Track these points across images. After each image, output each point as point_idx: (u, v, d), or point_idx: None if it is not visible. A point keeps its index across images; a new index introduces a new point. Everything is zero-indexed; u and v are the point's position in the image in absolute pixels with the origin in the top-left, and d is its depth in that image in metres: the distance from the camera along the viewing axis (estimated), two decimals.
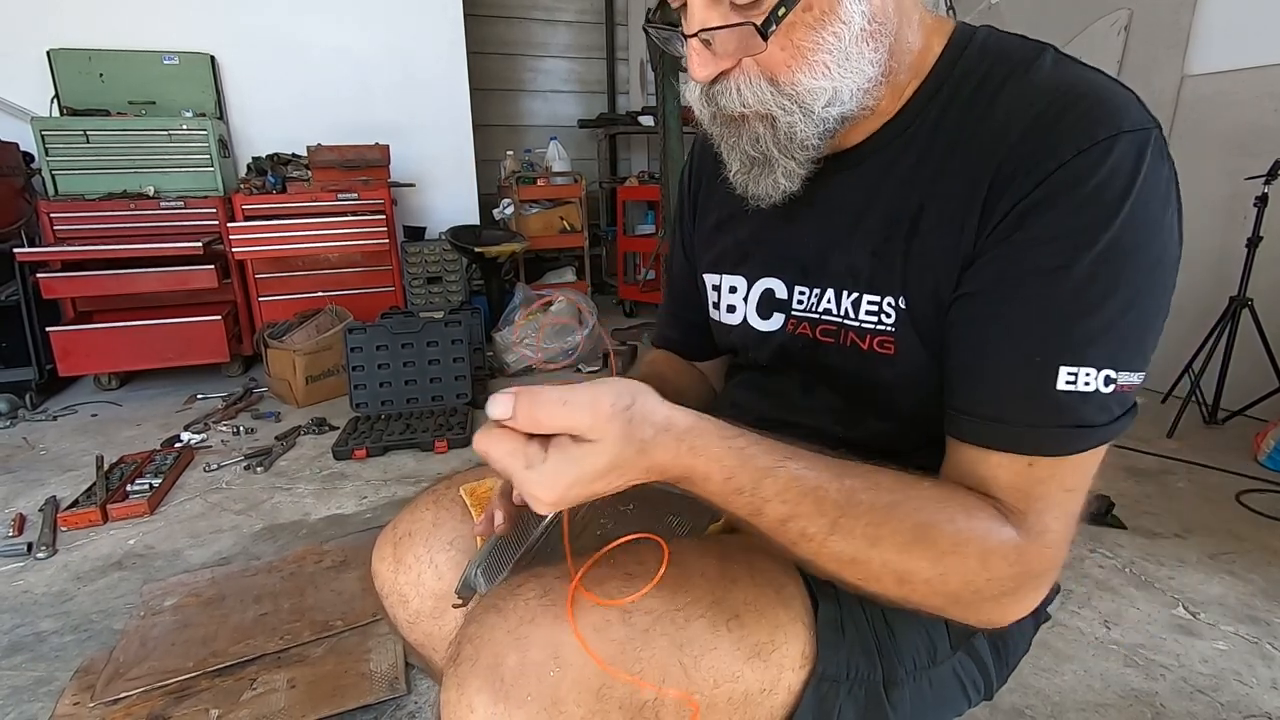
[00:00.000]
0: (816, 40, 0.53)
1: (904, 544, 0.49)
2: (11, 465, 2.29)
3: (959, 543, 0.49)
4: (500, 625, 0.50)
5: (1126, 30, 2.81)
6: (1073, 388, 0.50)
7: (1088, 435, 0.51)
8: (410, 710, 1.24)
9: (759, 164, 0.60)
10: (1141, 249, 0.50)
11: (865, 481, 0.50)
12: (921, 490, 0.51)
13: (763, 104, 0.56)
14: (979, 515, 0.51)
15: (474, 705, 0.47)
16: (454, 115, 3.86)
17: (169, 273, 2.84)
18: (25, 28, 3.03)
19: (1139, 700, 1.25)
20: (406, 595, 0.69)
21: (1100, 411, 0.51)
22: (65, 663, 1.36)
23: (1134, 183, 0.50)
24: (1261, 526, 1.83)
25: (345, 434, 2.42)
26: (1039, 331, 0.51)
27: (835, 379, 0.67)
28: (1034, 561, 0.51)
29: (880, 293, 0.60)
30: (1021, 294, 0.52)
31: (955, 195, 0.55)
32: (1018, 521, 0.51)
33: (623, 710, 0.49)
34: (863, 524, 0.49)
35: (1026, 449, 0.51)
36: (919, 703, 0.62)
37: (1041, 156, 0.51)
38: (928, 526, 0.49)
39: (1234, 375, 2.40)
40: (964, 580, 0.50)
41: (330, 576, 1.61)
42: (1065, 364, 0.50)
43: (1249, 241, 2.26)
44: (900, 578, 0.50)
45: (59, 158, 2.86)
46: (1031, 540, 0.51)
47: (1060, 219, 0.50)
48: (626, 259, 4.74)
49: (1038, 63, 0.56)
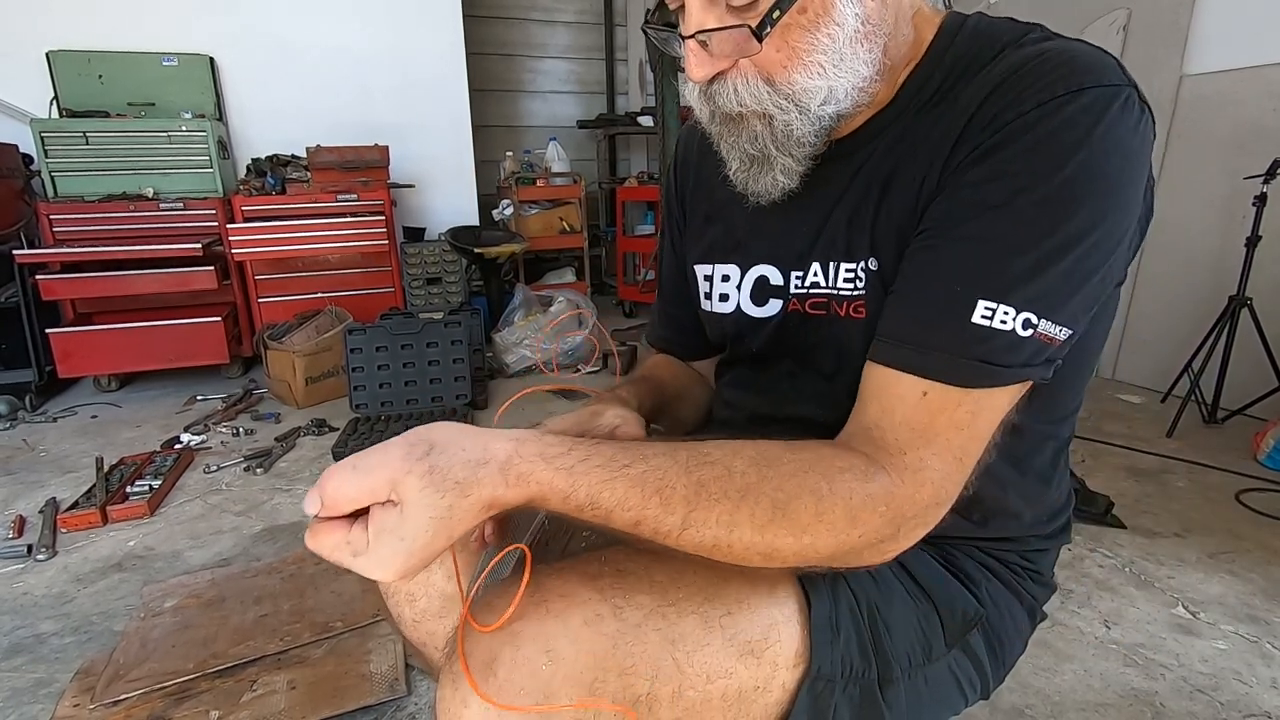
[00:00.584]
0: (811, 41, 0.54)
1: (762, 524, 0.49)
2: (11, 467, 2.29)
3: (821, 511, 0.50)
4: (492, 622, 0.50)
5: (1125, 30, 2.81)
6: (987, 323, 0.50)
7: (989, 372, 0.51)
8: (410, 712, 1.24)
9: (758, 162, 0.61)
10: (1088, 201, 0.50)
11: (717, 470, 0.50)
12: (781, 468, 0.51)
13: (759, 103, 0.57)
14: (843, 476, 0.51)
15: (468, 701, 0.47)
16: (453, 116, 3.86)
17: (169, 274, 2.84)
18: (24, 29, 3.03)
19: (1139, 700, 1.25)
20: (414, 594, 0.69)
21: (1009, 352, 0.51)
22: (65, 664, 1.36)
23: (1090, 134, 0.50)
24: (1261, 526, 1.84)
25: (345, 435, 2.42)
26: (968, 265, 0.52)
27: (820, 355, 0.67)
28: (905, 504, 0.51)
29: (854, 258, 0.62)
30: (960, 229, 0.53)
31: (924, 156, 0.57)
32: (893, 462, 0.52)
33: (616, 703, 0.49)
34: (715, 514, 0.49)
35: (926, 373, 0.52)
36: (914, 701, 0.62)
37: (1003, 109, 0.52)
38: (786, 503, 0.49)
39: (1233, 375, 2.40)
40: (835, 542, 0.50)
41: (330, 578, 1.61)
42: (985, 298, 0.51)
43: (1248, 241, 2.26)
44: (766, 554, 0.50)
45: (58, 159, 2.86)
46: (905, 480, 0.51)
47: (1009, 160, 0.51)
48: (626, 259, 4.75)
49: (1024, 39, 0.57)
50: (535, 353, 3.20)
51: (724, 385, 0.82)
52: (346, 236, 3.21)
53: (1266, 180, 2.20)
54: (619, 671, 0.49)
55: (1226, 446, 2.29)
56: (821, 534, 0.50)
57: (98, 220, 2.87)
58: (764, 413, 0.73)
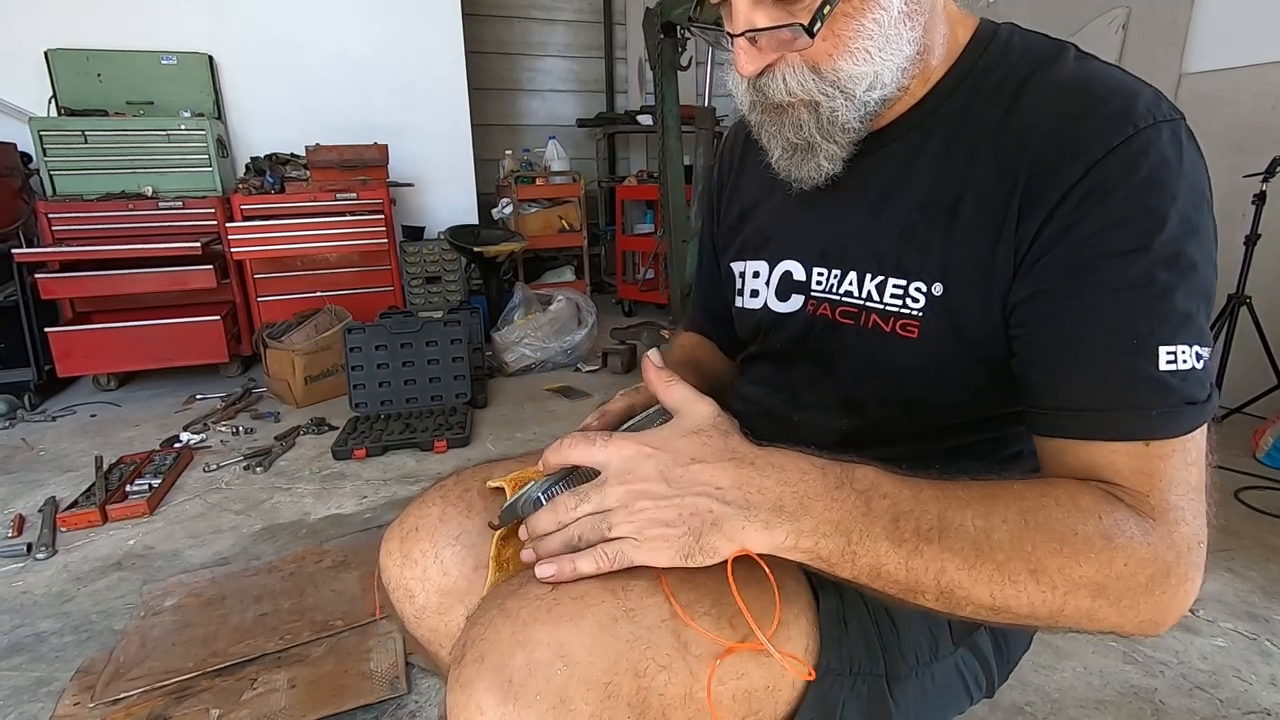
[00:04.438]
0: (858, 28, 0.54)
1: (1017, 531, 0.47)
2: (10, 466, 2.29)
3: (1072, 528, 0.47)
4: (505, 626, 0.50)
5: (1124, 29, 2.81)
6: (1174, 366, 0.50)
7: (1196, 412, 0.50)
8: (411, 710, 1.24)
9: (801, 149, 0.61)
10: (1201, 227, 0.51)
11: (944, 479, 0.50)
12: (1008, 481, 0.50)
13: (807, 92, 0.57)
14: (1085, 499, 0.49)
15: (483, 706, 0.47)
16: (452, 115, 3.85)
17: (167, 273, 2.83)
18: (23, 28, 3.03)
19: (1138, 697, 1.25)
20: (413, 590, 0.69)
21: (1200, 388, 0.50)
22: (65, 663, 1.36)
23: (1182, 166, 0.51)
24: (1260, 523, 1.84)
25: (344, 434, 2.42)
26: (1130, 314, 0.50)
27: (846, 363, 0.67)
28: (1173, 540, 0.48)
29: (908, 277, 0.61)
30: (1102, 280, 0.51)
31: (990, 185, 0.56)
32: (1143, 505, 0.49)
33: (631, 707, 0.49)
34: (970, 514, 0.48)
35: (1143, 434, 0.50)
36: (921, 698, 0.62)
37: (1086, 141, 0.52)
38: (1037, 510, 0.48)
39: (1232, 373, 2.40)
40: (1098, 567, 0.47)
41: (330, 576, 1.61)
42: (1164, 343, 0.50)
43: (1247, 239, 2.27)
44: (1033, 572, 0.47)
45: (57, 158, 2.85)
46: (1162, 521, 0.49)
47: (1125, 203, 0.51)
48: (625, 258, 4.74)
49: (1061, 58, 0.57)
50: (535, 351, 3.20)
51: (743, 381, 0.82)
52: (345, 235, 3.20)
53: (1266, 179, 2.20)
54: (633, 674, 0.49)
55: (1226, 444, 2.29)
56: (1080, 560, 0.47)
57: (96, 219, 2.87)
58: (779, 412, 0.73)
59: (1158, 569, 0.48)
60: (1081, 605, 0.48)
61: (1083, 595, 0.47)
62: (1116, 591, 0.47)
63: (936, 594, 0.48)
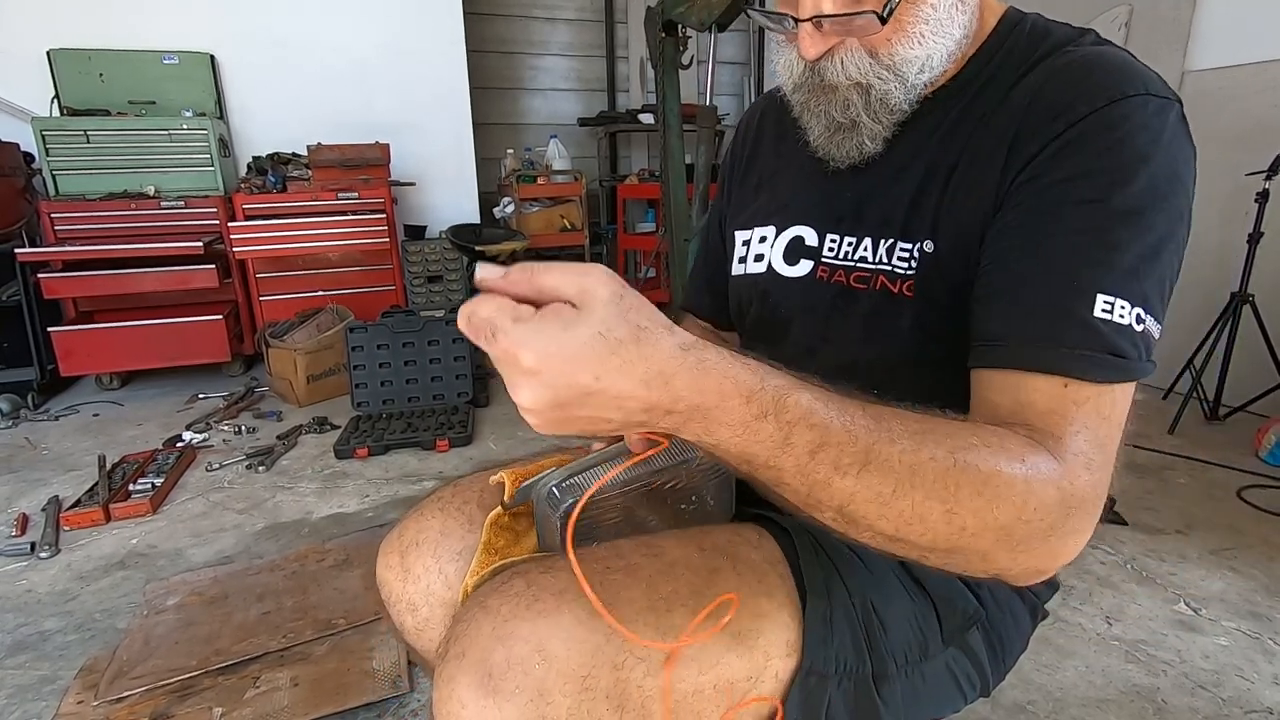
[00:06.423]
0: (915, 12, 0.56)
1: (944, 471, 0.44)
2: (14, 465, 2.30)
3: (998, 469, 0.45)
4: (486, 623, 0.51)
5: (1127, 26, 2.80)
6: (1109, 316, 0.50)
7: (1123, 366, 0.50)
8: (413, 708, 1.24)
9: (845, 129, 0.63)
10: (1170, 200, 0.52)
11: (886, 408, 0.46)
12: (945, 419, 0.48)
13: (863, 75, 0.59)
14: (1011, 441, 0.47)
15: (464, 700, 0.48)
16: (454, 114, 3.85)
17: (170, 272, 2.84)
18: (25, 28, 3.03)
19: (1140, 696, 1.25)
20: (416, 604, 0.70)
21: (1132, 346, 0.50)
22: (69, 662, 1.36)
23: (1162, 136, 0.52)
24: (1263, 522, 1.84)
25: (347, 433, 2.42)
26: (1078, 258, 0.51)
27: (851, 327, 0.66)
28: (1076, 486, 0.47)
29: (912, 239, 0.62)
30: (1060, 224, 0.52)
31: (985, 147, 0.58)
32: (1053, 446, 0.48)
33: (610, 699, 0.50)
34: (898, 449, 0.44)
35: (1060, 368, 0.49)
36: (910, 697, 0.62)
37: (1072, 102, 0.53)
38: (965, 450, 0.45)
39: (1235, 371, 2.40)
40: (1012, 511, 0.45)
41: (333, 575, 1.61)
42: (1103, 292, 0.50)
43: (1250, 237, 2.26)
44: (948, 512, 0.44)
45: (60, 158, 2.86)
46: (1069, 463, 0.48)
47: (1096, 156, 0.52)
48: (627, 257, 4.74)
49: (1079, 40, 0.59)
50: None
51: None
52: (347, 234, 3.20)
53: (1269, 176, 2.19)
54: (611, 666, 0.50)
55: (1228, 443, 2.29)
56: (1001, 494, 0.44)
57: (99, 219, 2.87)
58: None
59: (1059, 515, 0.46)
60: (981, 546, 0.46)
61: (987, 537, 0.45)
62: (1020, 536, 0.46)
63: (835, 516, 0.46)
